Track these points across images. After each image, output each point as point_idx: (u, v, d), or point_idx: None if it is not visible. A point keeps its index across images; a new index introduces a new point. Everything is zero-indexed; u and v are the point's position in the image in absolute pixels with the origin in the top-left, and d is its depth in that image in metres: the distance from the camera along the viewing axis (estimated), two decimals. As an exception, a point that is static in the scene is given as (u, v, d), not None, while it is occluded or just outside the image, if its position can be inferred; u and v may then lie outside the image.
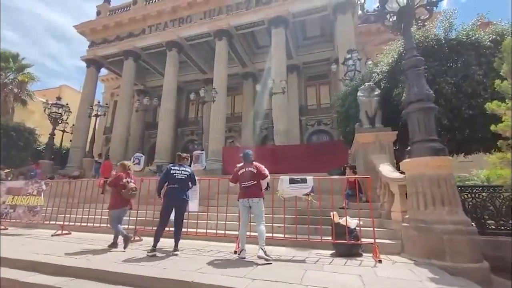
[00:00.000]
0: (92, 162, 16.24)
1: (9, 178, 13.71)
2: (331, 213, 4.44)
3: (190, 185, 4.58)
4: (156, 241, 4.17)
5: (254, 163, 4.31)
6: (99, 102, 16.73)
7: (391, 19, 5.35)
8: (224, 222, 4.85)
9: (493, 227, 4.71)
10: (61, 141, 18.18)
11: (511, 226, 4.72)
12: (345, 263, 3.62)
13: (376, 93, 7.11)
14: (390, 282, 2.81)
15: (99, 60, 20.12)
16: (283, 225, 4.86)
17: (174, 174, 4.39)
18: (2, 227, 6.72)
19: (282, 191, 4.39)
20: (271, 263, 3.58)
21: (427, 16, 5.03)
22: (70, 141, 19.56)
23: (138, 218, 5.85)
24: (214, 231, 4.98)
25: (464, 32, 5.88)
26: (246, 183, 4.10)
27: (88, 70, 20.04)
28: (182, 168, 4.53)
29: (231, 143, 19.71)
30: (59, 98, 17.40)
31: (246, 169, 4.21)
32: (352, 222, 4.17)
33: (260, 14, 15.63)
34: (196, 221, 5.19)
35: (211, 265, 3.44)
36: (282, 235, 4.55)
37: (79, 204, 6.97)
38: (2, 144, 14.25)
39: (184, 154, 4.89)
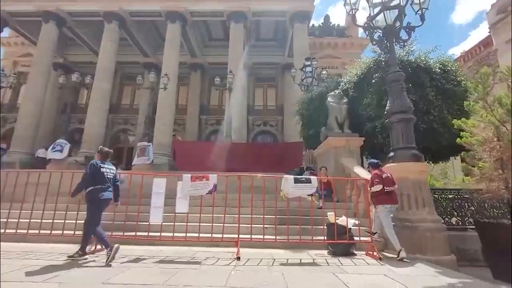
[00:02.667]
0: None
1: None
2: (328, 213, 4.49)
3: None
4: (84, 245, 3.70)
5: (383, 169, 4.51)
6: (3, 70, 12.81)
7: (376, 35, 5.80)
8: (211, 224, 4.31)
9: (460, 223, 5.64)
10: None
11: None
12: (355, 264, 3.69)
13: (345, 100, 7.67)
14: (418, 279, 2.99)
15: (3, 16, 15.54)
16: (274, 226, 4.68)
17: (105, 173, 3.91)
18: None
19: (287, 191, 4.20)
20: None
21: (407, 38, 5.66)
22: None
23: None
24: (209, 235, 4.33)
25: (422, 58, 6.91)
26: (389, 188, 4.16)
27: (-17, 26, 15.25)
28: (110, 166, 4.09)
29: (174, 137, 18.23)
30: None
31: (387, 174, 4.29)
32: (350, 222, 4.31)
33: (221, 5, 14.95)
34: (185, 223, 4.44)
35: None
36: (274, 237, 4.33)
37: None
38: None
39: (108, 149, 4.34)
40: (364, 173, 5.91)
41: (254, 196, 4.56)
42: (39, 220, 4.77)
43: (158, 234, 4.23)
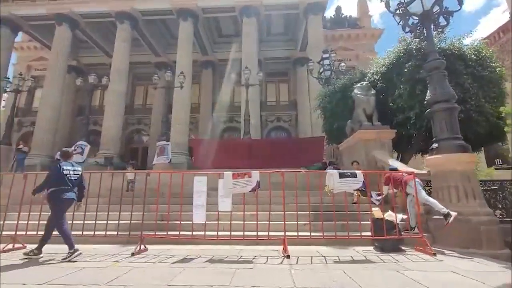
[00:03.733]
0: (9, 151, 12.63)
1: None
2: (373, 209, 4.34)
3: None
4: (41, 243, 3.75)
5: None
6: (21, 74, 12.94)
7: (411, 22, 5.55)
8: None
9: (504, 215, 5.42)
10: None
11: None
12: (411, 260, 3.54)
13: (372, 92, 7.44)
14: (491, 276, 2.83)
15: (16, 21, 15.72)
16: (308, 222, 4.57)
17: (68, 175, 3.94)
18: None
19: (332, 186, 4.06)
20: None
21: (445, 24, 5.40)
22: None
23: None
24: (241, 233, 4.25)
25: (456, 45, 6.63)
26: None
27: (-1, 31, 15.43)
28: (74, 168, 4.12)
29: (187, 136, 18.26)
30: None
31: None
32: (398, 217, 4.16)
33: (233, 0, 14.74)
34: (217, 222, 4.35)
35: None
36: (321, 234, 4.19)
37: (11, 207, 5.10)
38: None
39: (71, 150, 4.39)
40: (400, 166, 5.72)
41: (285, 193, 4.51)
42: (70, 222, 4.77)
43: (199, 233, 4.16)
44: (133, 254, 3.82)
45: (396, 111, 7.10)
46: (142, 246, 4.07)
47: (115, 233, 4.46)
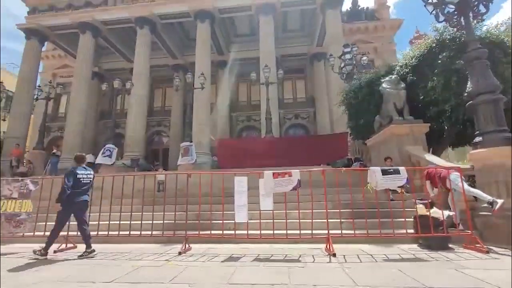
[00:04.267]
0: (43, 155, 13.32)
1: None
2: (416, 205, 4.23)
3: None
4: (50, 244, 3.99)
5: None
6: (50, 82, 13.59)
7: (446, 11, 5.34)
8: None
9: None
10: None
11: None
12: (464, 258, 3.44)
13: (402, 85, 7.24)
14: None
15: (43, 31, 16.46)
16: (348, 220, 4.55)
17: (81, 179, 4.25)
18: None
19: (376, 184, 4.00)
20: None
21: (485, 11, 5.15)
22: None
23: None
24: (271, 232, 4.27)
25: (493, 32, 6.31)
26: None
27: (28, 42, 16.24)
28: (87, 172, 4.40)
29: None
30: (-11, 75, 13.67)
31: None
32: (445, 213, 4.04)
33: (250, -1, 14.74)
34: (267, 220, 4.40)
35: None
36: (365, 232, 4.14)
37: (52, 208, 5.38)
38: None
39: (81, 154, 4.73)
40: (438, 161, 5.54)
41: (317, 190, 4.51)
42: (117, 222, 4.97)
43: (241, 232, 4.22)
44: (180, 253, 3.93)
45: (429, 104, 6.88)
46: (187, 245, 4.18)
47: (157, 232, 4.65)
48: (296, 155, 10.78)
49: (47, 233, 4.73)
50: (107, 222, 5.07)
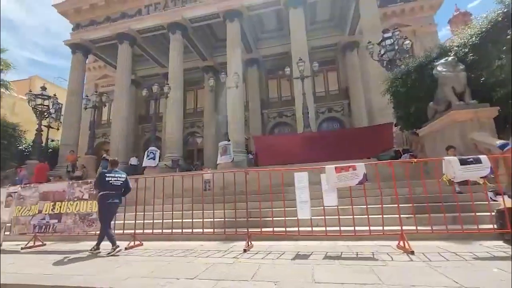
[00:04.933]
0: (94, 160, 14.36)
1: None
2: (502, 197, 3.79)
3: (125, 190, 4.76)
4: (113, 240, 4.33)
5: None
6: (96, 91, 14.63)
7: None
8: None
9: None
10: (47, 138, 15.73)
11: None
12: None
13: (461, 67, 6.59)
14: None
15: (86, 45, 17.71)
16: (412, 216, 4.21)
17: (110, 181, 4.55)
18: (39, 242, 5.29)
19: (453, 175, 3.66)
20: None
21: None
22: (52, 140, 17.16)
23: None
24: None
25: None
26: None
27: (74, 56, 17.56)
28: (117, 175, 4.69)
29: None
30: (44, 88, 15.01)
31: None
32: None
33: (278, -7, 14.48)
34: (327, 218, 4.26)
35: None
36: (445, 228, 3.80)
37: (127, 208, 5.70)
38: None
39: (115, 159, 5.15)
40: (516, 148, 4.94)
41: (372, 185, 4.24)
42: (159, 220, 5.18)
43: (305, 229, 4.11)
44: (245, 251, 3.93)
45: (493, 86, 6.18)
46: (249, 243, 4.17)
47: (209, 230, 4.74)
48: (337, 149, 10.40)
49: (117, 231, 5.07)
50: (161, 221, 5.29)
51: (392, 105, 9.13)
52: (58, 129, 16.64)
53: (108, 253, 4.15)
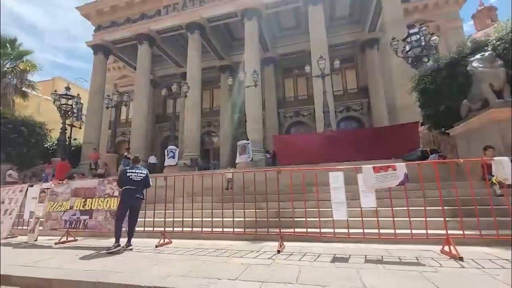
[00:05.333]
0: (115, 158, 14.72)
1: (16, 179, 12.02)
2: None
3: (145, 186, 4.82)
4: (118, 237, 4.40)
5: None
6: (118, 91, 15.01)
7: None
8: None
9: None
10: (70, 137, 16.24)
11: None
12: None
13: (499, 62, 6.21)
14: None
15: (107, 46, 18.17)
16: (458, 219, 3.97)
17: (130, 177, 4.65)
18: (71, 238, 5.42)
19: (505, 176, 3.41)
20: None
21: None
22: (75, 139, 17.72)
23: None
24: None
25: None
26: None
27: (95, 57, 18.07)
28: (138, 171, 4.77)
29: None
30: (68, 89, 15.52)
31: None
32: None
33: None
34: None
35: None
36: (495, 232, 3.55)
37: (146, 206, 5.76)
38: (11, 141, 12.43)
39: (140, 157, 5.34)
40: None
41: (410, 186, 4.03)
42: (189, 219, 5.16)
43: (341, 230, 3.96)
44: (278, 252, 3.83)
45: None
46: (282, 243, 4.07)
47: (238, 230, 4.66)
48: (360, 148, 10.16)
49: (147, 229, 5.11)
50: (189, 219, 5.28)
51: (419, 103, 8.77)
52: (80, 127, 17.17)
53: (108, 250, 4.16)
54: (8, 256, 4.27)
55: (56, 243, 5.13)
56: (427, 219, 3.72)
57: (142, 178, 4.72)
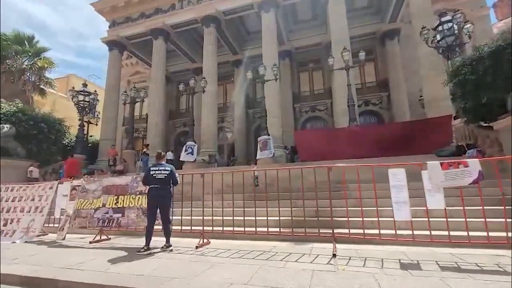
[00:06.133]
0: (133, 155, 14.67)
1: (37, 176, 12.06)
2: None
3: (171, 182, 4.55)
4: (148, 240, 4.22)
5: None
6: (135, 87, 14.88)
7: None
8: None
9: None
10: (87, 133, 16.23)
11: None
12: None
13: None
14: None
15: (122, 42, 18.03)
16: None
17: (154, 175, 4.44)
18: (104, 236, 5.26)
19: None
20: None
21: None
22: (91, 136, 17.74)
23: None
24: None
25: None
26: None
27: (111, 53, 17.97)
28: (161, 168, 4.55)
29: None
30: (85, 85, 15.50)
31: None
32: None
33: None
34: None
35: None
36: None
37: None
38: (32, 137, 12.47)
39: (163, 153, 5.05)
40: None
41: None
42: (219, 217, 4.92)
43: (404, 232, 3.65)
44: (334, 255, 3.54)
45: None
46: (336, 246, 3.77)
47: (274, 229, 4.39)
48: (387, 144, 9.75)
49: (175, 227, 4.88)
50: (220, 218, 5.04)
51: (452, 96, 8.27)
52: (96, 124, 17.19)
53: (138, 251, 4.07)
54: (45, 256, 4.12)
55: (90, 242, 4.98)
56: (488, 219, 3.35)
57: (166, 175, 4.46)
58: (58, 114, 18.75)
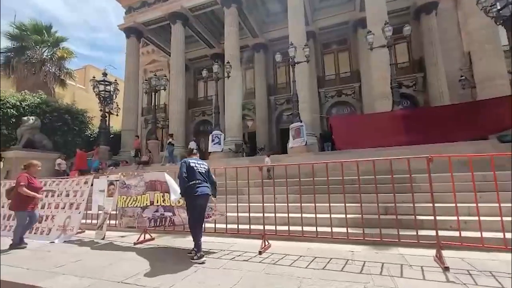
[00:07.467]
0: (157, 145, 14.31)
1: (65, 168, 11.90)
2: None
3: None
4: (199, 245, 3.55)
5: None
6: (155, 75, 14.32)
7: None
8: None
9: None
10: (108, 124, 15.95)
11: None
12: None
13: None
14: None
15: (139, 28, 17.39)
16: None
17: (195, 168, 3.72)
18: (148, 236, 4.79)
19: None
20: None
21: None
22: (111, 126, 17.50)
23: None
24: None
25: None
26: None
27: (128, 40, 17.41)
28: (199, 162, 3.90)
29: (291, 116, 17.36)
30: (105, 75, 15.06)
31: None
32: None
33: None
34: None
35: None
36: None
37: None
38: (57, 129, 12.27)
39: (194, 149, 4.49)
40: None
41: None
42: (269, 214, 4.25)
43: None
44: (447, 268, 2.83)
45: None
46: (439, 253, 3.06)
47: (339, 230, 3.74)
48: (435, 129, 8.87)
49: (242, 226, 4.31)
50: (269, 215, 4.41)
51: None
52: (117, 114, 16.89)
53: (192, 258, 3.47)
54: (92, 263, 3.65)
55: (135, 243, 4.52)
56: None
57: (206, 169, 3.86)
58: (78, 105, 18.67)
